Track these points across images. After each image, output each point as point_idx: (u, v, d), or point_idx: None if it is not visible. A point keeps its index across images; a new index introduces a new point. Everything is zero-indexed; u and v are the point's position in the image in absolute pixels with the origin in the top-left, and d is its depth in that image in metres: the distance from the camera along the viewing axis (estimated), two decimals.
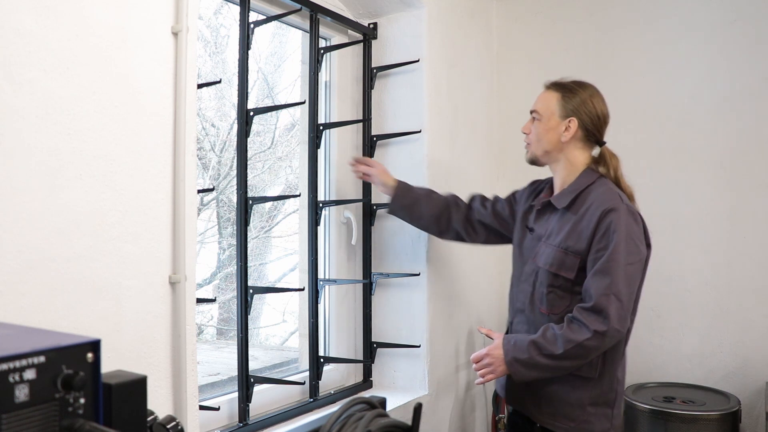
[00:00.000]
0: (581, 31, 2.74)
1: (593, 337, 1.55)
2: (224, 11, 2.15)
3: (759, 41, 2.41)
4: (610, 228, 1.59)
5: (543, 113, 1.76)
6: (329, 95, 2.29)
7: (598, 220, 1.61)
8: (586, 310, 1.58)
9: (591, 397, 1.67)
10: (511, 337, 1.69)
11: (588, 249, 1.62)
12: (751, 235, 2.41)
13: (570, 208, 1.70)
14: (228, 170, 2.20)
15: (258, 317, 2.39)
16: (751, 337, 2.40)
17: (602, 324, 1.55)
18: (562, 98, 1.74)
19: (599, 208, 1.62)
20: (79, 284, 1.26)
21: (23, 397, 0.69)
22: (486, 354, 1.68)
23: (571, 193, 1.71)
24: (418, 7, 2.30)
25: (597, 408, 1.67)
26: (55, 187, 1.22)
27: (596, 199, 1.65)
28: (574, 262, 1.64)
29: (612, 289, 1.56)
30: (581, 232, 1.64)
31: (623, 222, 1.59)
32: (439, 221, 2.04)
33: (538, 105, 1.78)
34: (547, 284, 1.69)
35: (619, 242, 1.57)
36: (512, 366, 1.64)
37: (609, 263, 1.57)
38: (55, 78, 1.22)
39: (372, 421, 1.19)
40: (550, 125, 1.75)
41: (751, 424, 2.35)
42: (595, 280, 1.58)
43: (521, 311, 1.79)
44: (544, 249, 1.72)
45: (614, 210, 1.60)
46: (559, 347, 1.57)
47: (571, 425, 1.67)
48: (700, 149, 2.50)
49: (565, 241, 1.66)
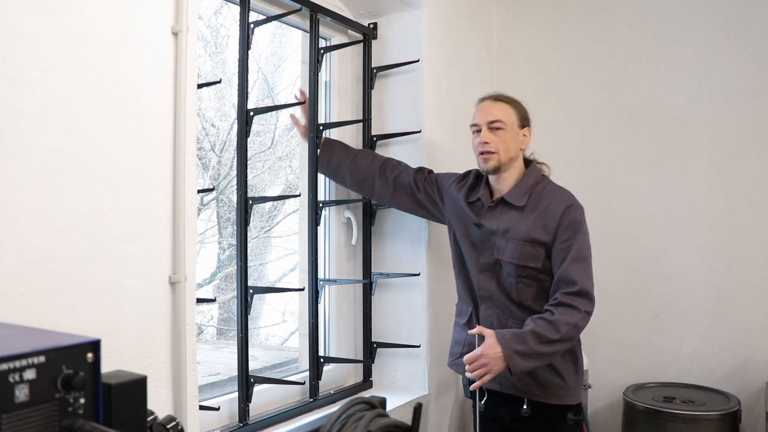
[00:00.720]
0: (581, 31, 2.74)
1: (584, 316, 1.71)
2: (224, 11, 2.15)
3: (759, 41, 2.41)
4: (574, 221, 1.79)
5: (507, 122, 1.86)
6: (329, 95, 2.29)
7: (561, 214, 1.79)
8: (573, 294, 1.72)
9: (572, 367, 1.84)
10: (505, 332, 1.71)
11: (553, 240, 1.79)
12: (751, 235, 2.41)
13: (527, 204, 1.84)
14: (228, 170, 2.20)
15: (258, 317, 2.39)
16: (751, 337, 2.40)
17: (589, 304, 1.73)
18: (514, 109, 1.89)
19: (561, 204, 1.81)
20: (79, 284, 1.26)
21: (23, 397, 0.69)
22: (480, 354, 1.69)
23: (525, 191, 1.86)
24: (418, 7, 2.30)
25: (577, 375, 1.86)
26: (55, 187, 1.22)
27: (553, 195, 1.84)
28: (540, 253, 1.80)
29: (588, 272, 1.76)
30: (546, 225, 1.80)
31: (581, 215, 1.82)
32: (362, 188, 2.15)
33: (499, 115, 1.86)
34: (515, 275, 1.82)
35: (584, 233, 1.79)
36: (511, 359, 1.66)
37: (582, 251, 1.76)
38: (55, 78, 1.22)
39: (372, 421, 1.18)
40: (514, 134, 1.87)
41: (751, 424, 2.35)
42: (574, 267, 1.74)
43: (488, 298, 1.88)
44: (505, 244, 1.83)
45: (573, 205, 1.81)
46: (557, 332, 1.68)
47: (561, 393, 1.81)
48: (700, 149, 2.50)
49: (529, 234, 1.80)
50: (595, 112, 2.71)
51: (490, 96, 1.92)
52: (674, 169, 2.54)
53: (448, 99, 2.45)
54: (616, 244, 2.63)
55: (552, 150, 2.28)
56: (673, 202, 2.54)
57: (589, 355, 2.44)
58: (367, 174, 2.10)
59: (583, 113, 2.73)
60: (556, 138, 2.70)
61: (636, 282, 2.62)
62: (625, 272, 2.63)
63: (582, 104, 2.73)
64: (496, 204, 1.88)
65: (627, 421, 2.31)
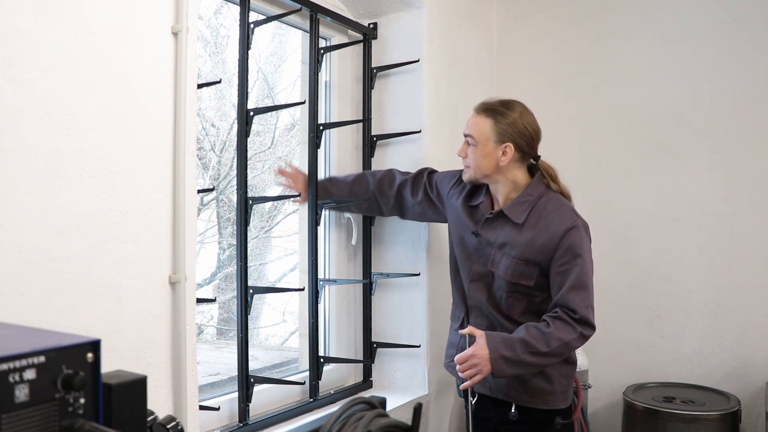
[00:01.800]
0: (581, 31, 2.74)
1: (579, 338, 1.69)
2: (224, 11, 2.15)
3: (759, 41, 2.41)
4: (573, 246, 1.72)
5: (478, 139, 1.78)
6: (329, 95, 2.29)
7: (560, 237, 1.72)
8: (573, 319, 1.70)
9: (563, 371, 1.82)
10: (495, 335, 1.71)
11: (549, 261, 1.74)
12: (751, 235, 2.41)
13: (526, 221, 1.77)
14: (228, 170, 2.20)
15: (258, 317, 2.39)
16: (751, 337, 2.40)
17: (589, 330, 1.71)
18: (494, 124, 1.77)
19: (561, 226, 1.73)
20: (79, 284, 1.26)
21: (23, 397, 0.69)
22: (471, 354, 1.69)
23: (524, 205, 1.79)
24: (418, 7, 2.30)
25: (568, 380, 1.83)
26: (55, 187, 1.22)
27: (554, 215, 1.76)
28: (534, 272, 1.76)
29: (589, 301, 1.73)
30: (543, 246, 1.74)
31: (583, 238, 1.75)
32: (371, 212, 2.21)
33: (472, 130, 1.80)
34: (506, 290, 1.80)
35: (585, 258, 1.73)
36: (497, 363, 1.67)
37: (583, 278, 1.71)
38: (55, 78, 1.22)
39: (372, 421, 1.18)
40: (486, 151, 1.78)
41: (751, 424, 2.35)
42: (575, 295, 1.70)
43: (477, 308, 1.87)
44: (500, 258, 1.80)
45: (574, 228, 1.73)
46: (547, 345, 1.66)
47: (549, 399, 1.79)
48: (700, 149, 2.50)
49: (524, 253, 1.76)
50: (595, 111, 2.71)
51: (479, 105, 1.83)
52: (674, 169, 2.54)
53: (448, 99, 2.45)
54: (616, 244, 2.63)
55: (552, 150, 2.27)
56: (673, 202, 2.54)
57: (589, 355, 2.44)
58: (370, 203, 2.13)
59: (583, 113, 2.73)
60: (556, 138, 2.69)
61: (636, 282, 2.62)
62: (625, 272, 2.63)
63: (582, 104, 2.73)
64: (495, 216, 1.83)
65: (627, 421, 2.31)
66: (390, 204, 2.11)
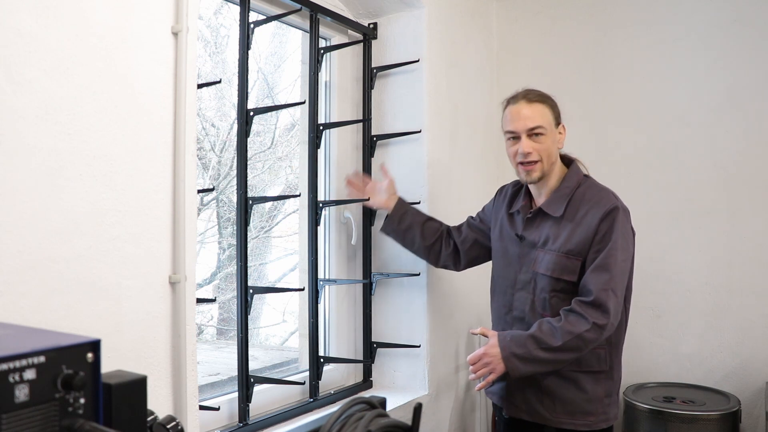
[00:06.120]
0: (581, 31, 2.74)
1: (592, 329, 1.60)
2: (224, 11, 2.15)
3: (759, 41, 2.41)
4: (609, 230, 1.66)
5: (548, 126, 1.75)
6: (329, 95, 2.29)
7: (599, 222, 1.67)
8: (586, 304, 1.62)
9: (605, 390, 1.73)
10: (506, 333, 1.69)
11: (588, 249, 1.68)
12: (751, 235, 2.41)
13: (564, 213, 1.73)
14: (228, 170, 2.19)
15: (258, 317, 2.39)
16: (751, 337, 2.40)
17: (602, 317, 1.61)
18: (550, 108, 1.77)
19: (599, 211, 1.68)
20: (79, 284, 1.26)
21: (23, 397, 0.69)
22: (484, 353, 1.67)
23: (563, 198, 1.75)
24: (418, 7, 2.30)
25: (611, 398, 1.74)
26: (55, 187, 1.22)
27: (593, 201, 1.72)
28: (576, 265, 1.69)
29: (610, 284, 1.63)
30: (582, 235, 1.69)
31: (620, 221, 1.68)
32: (430, 252, 2.11)
33: (541, 120, 1.74)
34: (549, 290, 1.72)
35: (616, 239, 1.65)
36: (509, 361, 1.63)
37: (608, 259, 1.64)
38: (55, 78, 1.22)
39: (372, 421, 1.18)
40: (554, 137, 1.78)
41: (751, 424, 2.35)
42: (594, 276, 1.64)
43: (520, 319, 1.79)
44: (543, 255, 1.74)
45: (613, 210, 1.68)
46: (558, 339, 1.61)
47: (590, 420, 1.70)
48: (700, 149, 2.50)
49: (565, 245, 1.70)
50: (595, 111, 2.71)
51: (522, 96, 1.77)
52: (674, 169, 2.54)
53: (448, 99, 2.44)
54: None
55: None
56: (673, 201, 2.54)
57: None
58: (436, 239, 2.08)
59: (583, 113, 2.72)
60: None
61: (636, 282, 2.60)
62: None
63: (582, 104, 2.73)
64: (534, 215, 1.79)
65: (627, 421, 2.31)
66: (450, 249, 2.07)
